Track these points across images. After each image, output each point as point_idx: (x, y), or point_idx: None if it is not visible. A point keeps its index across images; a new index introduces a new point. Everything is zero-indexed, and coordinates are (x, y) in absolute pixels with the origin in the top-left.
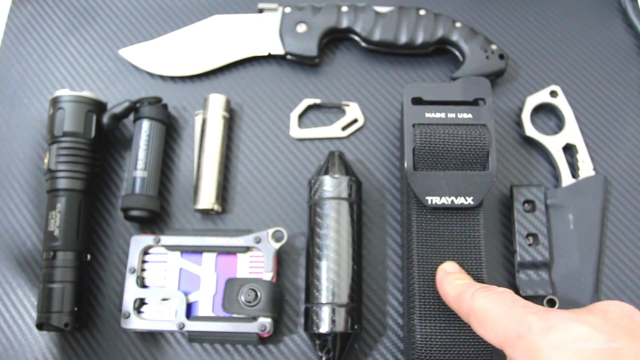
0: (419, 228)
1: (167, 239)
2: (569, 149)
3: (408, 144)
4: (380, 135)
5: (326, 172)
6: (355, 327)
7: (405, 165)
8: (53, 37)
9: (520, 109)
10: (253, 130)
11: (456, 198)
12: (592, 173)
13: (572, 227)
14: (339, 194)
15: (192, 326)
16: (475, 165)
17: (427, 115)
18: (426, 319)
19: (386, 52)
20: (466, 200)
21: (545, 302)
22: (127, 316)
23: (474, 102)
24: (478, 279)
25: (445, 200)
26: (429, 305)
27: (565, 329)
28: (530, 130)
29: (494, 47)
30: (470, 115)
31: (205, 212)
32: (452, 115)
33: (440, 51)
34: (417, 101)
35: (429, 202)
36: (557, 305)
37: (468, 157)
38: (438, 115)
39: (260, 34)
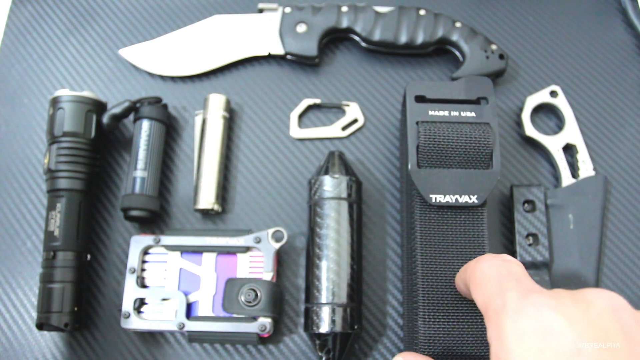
0: (422, 227)
1: (167, 239)
2: (569, 149)
3: (412, 141)
4: (380, 135)
5: (326, 172)
6: (355, 327)
7: (409, 162)
8: (53, 37)
9: (520, 109)
10: (253, 130)
11: (460, 196)
12: (592, 173)
13: (572, 227)
14: (339, 194)
15: (192, 326)
16: (479, 163)
17: (431, 113)
18: (430, 320)
19: (386, 52)
20: (470, 198)
21: None
22: (127, 316)
23: (477, 101)
24: None
25: (450, 199)
26: (432, 306)
27: (537, 317)
28: (530, 130)
29: (494, 47)
30: (473, 114)
31: (205, 212)
32: (455, 113)
33: (440, 51)
34: (420, 99)
35: (433, 200)
36: None
37: (472, 156)
38: (441, 113)
39: (260, 34)
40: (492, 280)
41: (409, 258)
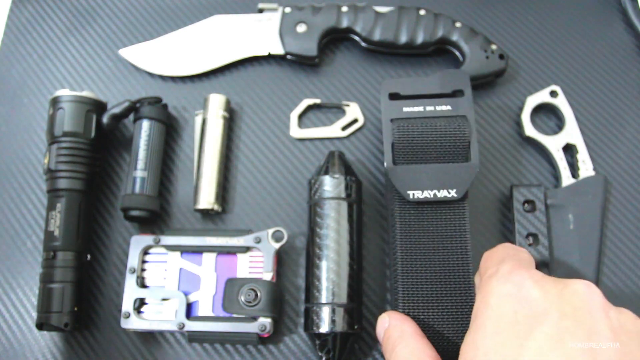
0: (402, 224)
1: (167, 239)
2: (569, 149)
3: (387, 139)
4: (380, 135)
5: (326, 172)
6: (355, 327)
7: (385, 160)
8: (53, 37)
9: (520, 109)
10: (253, 130)
11: (439, 191)
12: (592, 173)
13: (572, 227)
14: (338, 194)
15: (192, 326)
16: (456, 157)
17: (405, 109)
18: (411, 317)
19: (386, 52)
20: (449, 193)
21: None
22: (127, 316)
23: (452, 95)
24: (464, 274)
25: (428, 194)
26: (411, 304)
27: (519, 285)
28: (530, 130)
29: (494, 47)
30: (449, 107)
31: (205, 212)
32: (430, 108)
33: (440, 51)
34: (394, 96)
35: (411, 197)
36: None
37: (448, 149)
38: (416, 109)
39: (260, 34)
40: (497, 256)
41: (391, 255)
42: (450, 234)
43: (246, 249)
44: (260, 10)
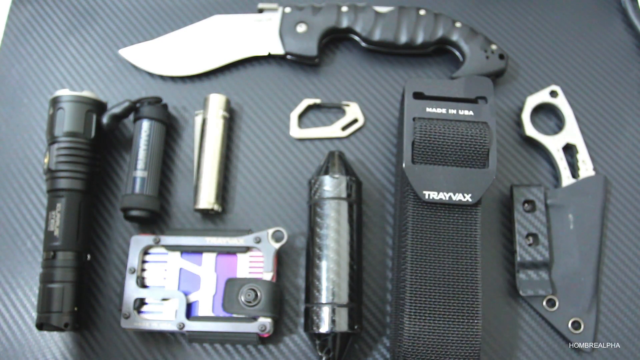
0: (414, 223)
1: (167, 239)
2: (569, 149)
3: (407, 137)
4: (380, 135)
5: (326, 172)
6: (355, 327)
7: (404, 158)
8: (53, 37)
9: (520, 109)
10: (253, 130)
11: (454, 194)
12: (592, 173)
13: (572, 227)
14: (338, 194)
15: (192, 326)
16: (474, 162)
17: (428, 109)
18: (416, 317)
19: (386, 52)
20: (464, 197)
21: (545, 302)
22: (127, 316)
23: (475, 101)
24: (472, 278)
25: (443, 196)
26: (420, 303)
27: None
28: (530, 130)
29: (494, 47)
30: (471, 113)
31: (205, 212)
32: (453, 111)
33: (440, 51)
34: (418, 96)
35: (426, 197)
36: (557, 306)
37: (468, 154)
38: (439, 110)
39: (260, 34)
40: None
41: (400, 255)
42: (461, 237)
43: (246, 249)
44: (260, 10)
